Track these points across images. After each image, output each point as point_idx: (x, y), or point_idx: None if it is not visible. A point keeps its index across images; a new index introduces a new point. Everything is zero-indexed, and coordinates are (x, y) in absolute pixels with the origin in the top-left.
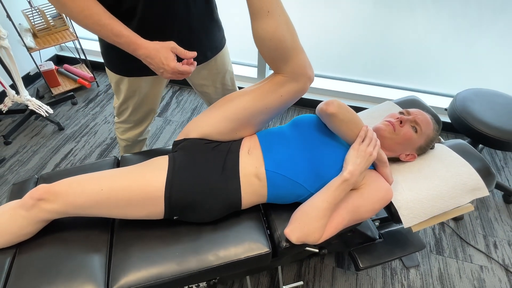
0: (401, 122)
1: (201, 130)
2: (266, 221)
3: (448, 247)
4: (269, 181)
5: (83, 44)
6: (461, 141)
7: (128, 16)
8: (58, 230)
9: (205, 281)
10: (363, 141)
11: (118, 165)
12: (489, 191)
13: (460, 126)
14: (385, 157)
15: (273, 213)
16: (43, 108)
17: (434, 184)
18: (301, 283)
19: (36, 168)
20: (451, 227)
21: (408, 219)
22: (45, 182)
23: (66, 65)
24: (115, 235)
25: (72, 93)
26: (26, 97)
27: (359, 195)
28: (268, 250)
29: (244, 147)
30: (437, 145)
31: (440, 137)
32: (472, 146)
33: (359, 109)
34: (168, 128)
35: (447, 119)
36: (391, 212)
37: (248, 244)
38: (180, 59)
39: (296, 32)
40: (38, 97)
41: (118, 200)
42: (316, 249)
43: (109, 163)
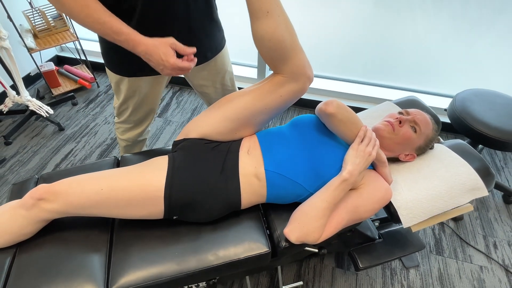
0: (400, 122)
1: (200, 130)
2: (265, 221)
3: (448, 248)
4: (268, 181)
5: (84, 45)
6: (460, 141)
7: (127, 16)
8: (58, 230)
9: (204, 281)
10: (362, 141)
11: (118, 165)
12: (488, 191)
13: (460, 127)
14: (384, 157)
15: (272, 213)
16: (43, 108)
17: (433, 184)
18: (300, 283)
19: (37, 168)
20: (451, 228)
21: (407, 219)
22: (45, 182)
23: (67, 65)
24: (115, 235)
25: (72, 93)
26: (27, 97)
27: (358, 195)
28: (267, 250)
29: (243, 147)
30: (436, 145)
31: (440, 137)
32: (472, 146)
33: (359, 109)
34: (168, 129)
35: (447, 119)
36: (391, 212)
37: (247, 244)
38: (180, 56)
39: (295, 32)
40: (39, 97)
41: (118, 200)
42: (316, 249)
43: (109, 163)
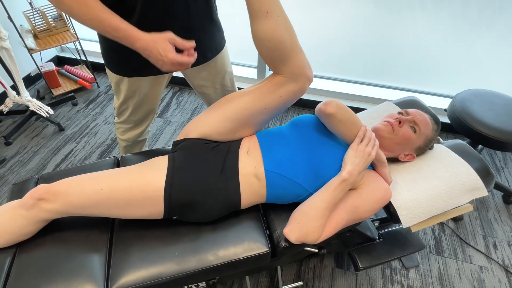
0: (400, 123)
1: (200, 130)
2: (265, 221)
3: (447, 248)
4: (268, 181)
5: (84, 45)
6: (460, 141)
7: (126, 16)
8: (58, 230)
9: (204, 281)
10: (361, 141)
11: (118, 165)
12: (488, 191)
13: (460, 127)
14: (383, 157)
15: (272, 213)
16: (43, 109)
17: (433, 184)
18: (300, 284)
19: (37, 168)
20: (450, 228)
21: (407, 219)
22: (45, 182)
23: (67, 66)
24: (114, 235)
25: (72, 94)
26: (27, 98)
27: (357, 195)
28: (267, 250)
29: (243, 147)
30: (436, 145)
31: (439, 137)
32: (472, 146)
33: (359, 109)
34: (168, 129)
35: (447, 119)
36: (390, 212)
37: (247, 244)
38: (180, 51)
39: (295, 32)
40: (39, 98)
41: (118, 200)
42: (315, 249)
43: (109, 163)
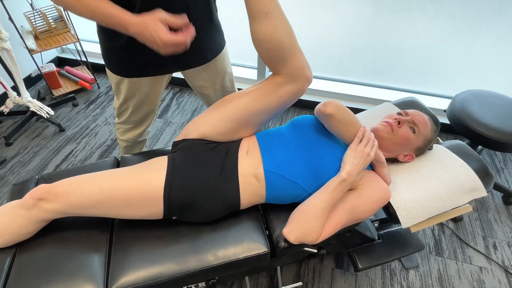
0: (399, 123)
1: (200, 131)
2: (264, 221)
3: (447, 248)
4: (267, 181)
5: (84, 46)
6: (459, 141)
7: None
8: (58, 230)
9: (204, 281)
10: (360, 141)
11: (118, 165)
12: (487, 192)
13: (459, 128)
14: (382, 157)
15: (271, 213)
16: (44, 109)
17: (432, 185)
18: (300, 284)
19: (37, 169)
20: (450, 228)
21: (406, 219)
22: (45, 182)
23: (67, 67)
24: (114, 235)
25: (73, 94)
26: (28, 98)
27: (357, 195)
28: (266, 250)
29: (243, 148)
30: (435, 145)
31: (439, 137)
32: (471, 147)
33: (358, 110)
34: (168, 130)
35: (446, 120)
36: (390, 213)
37: (247, 244)
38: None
39: (294, 33)
40: (39, 98)
41: (118, 200)
42: (315, 249)
43: (109, 164)
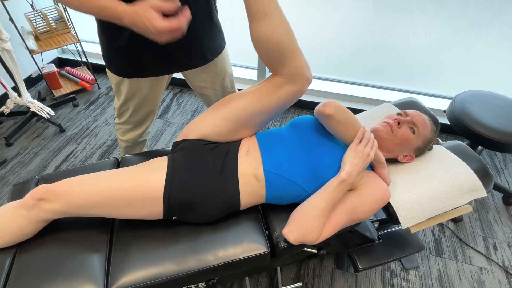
0: (398, 123)
1: (200, 131)
2: (264, 221)
3: (447, 249)
4: (267, 181)
5: (85, 47)
6: (459, 142)
7: None
8: (58, 230)
9: (204, 281)
10: (360, 141)
11: (118, 166)
12: (487, 192)
13: (459, 128)
14: (382, 157)
15: (271, 213)
16: (44, 110)
17: (432, 185)
18: (300, 284)
19: (37, 169)
20: (450, 229)
21: (406, 219)
22: (46, 182)
23: (68, 67)
24: (114, 235)
25: (73, 95)
26: (28, 99)
27: (356, 195)
28: (266, 250)
29: (243, 148)
30: (435, 146)
31: (438, 138)
32: (471, 148)
33: (358, 111)
34: (168, 130)
35: (446, 121)
36: (389, 213)
37: (246, 245)
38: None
39: (293, 33)
40: (40, 99)
41: (118, 200)
42: (315, 249)
43: (109, 164)
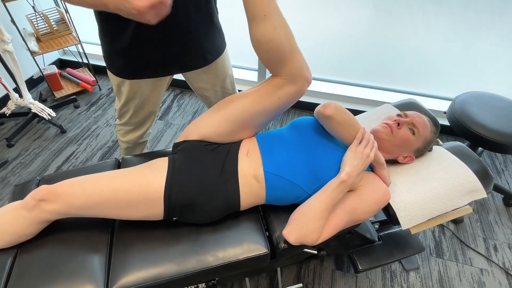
0: (398, 125)
1: (200, 132)
2: (264, 222)
3: (448, 250)
4: (267, 182)
5: (86, 48)
6: (459, 143)
7: (126, 17)
8: (59, 230)
9: (204, 282)
10: (360, 142)
11: (119, 166)
12: (487, 193)
13: (459, 129)
14: (382, 158)
15: (271, 214)
16: (45, 111)
17: (432, 186)
18: (300, 285)
19: (38, 170)
20: (451, 230)
21: (406, 220)
22: (46, 183)
23: (69, 69)
24: (115, 236)
25: (74, 96)
26: (29, 100)
27: (356, 196)
28: (266, 251)
29: (243, 149)
30: (435, 147)
31: (438, 139)
32: (472, 149)
33: (358, 112)
34: (169, 131)
35: (446, 122)
36: (389, 214)
37: (246, 245)
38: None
39: (293, 34)
40: (41, 100)
41: (118, 201)
42: (315, 250)
43: (110, 165)
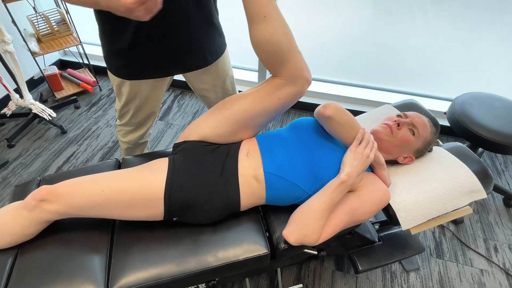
0: (398, 125)
1: (201, 132)
2: (265, 223)
3: (448, 251)
4: (267, 182)
5: (86, 49)
6: (459, 143)
7: (125, 19)
8: (59, 231)
9: (204, 282)
10: (360, 143)
11: (119, 167)
12: (487, 194)
13: (459, 130)
14: (382, 159)
15: (271, 215)
16: (46, 111)
17: (432, 187)
18: (300, 286)
19: (39, 171)
20: (451, 231)
21: (406, 221)
22: (47, 183)
23: (70, 69)
24: (115, 236)
25: (75, 97)
26: (30, 100)
27: (356, 196)
28: (266, 251)
29: (243, 150)
30: (435, 148)
31: (439, 140)
32: (472, 149)
33: (358, 112)
34: (169, 132)
35: (446, 122)
36: (389, 215)
37: (247, 246)
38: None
39: (292, 35)
40: (42, 101)
41: (118, 201)
42: (315, 251)
43: (110, 165)
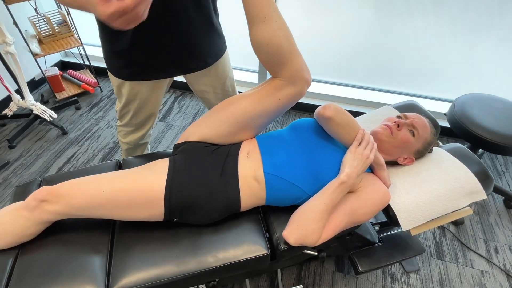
0: (398, 126)
1: (201, 133)
2: (265, 223)
3: (448, 252)
4: (267, 183)
5: (87, 50)
6: (459, 145)
7: None
8: (60, 231)
9: (204, 283)
10: (360, 144)
11: (120, 168)
12: (487, 195)
13: (460, 131)
14: (382, 160)
15: (272, 215)
16: (47, 112)
17: (432, 188)
18: (300, 287)
19: (40, 171)
20: (451, 232)
21: (406, 222)
22: (48, 184)
23: (71, 70)
24: (115, 237)
25: (76, 98)
26: (31, 101)
27: (356, 197)
28: (266, 252)
29: (243, 150)
30: (435, 149)
31: (439, 141)
32: (472, 151)
33: (358, 113)
34: (170, 133)
35: (447, 124)
36: (390, 215)
37: (247, 246)
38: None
39: (292, 36)
40: (43, 102)
41: (119, 202)
42: (315, 252)
43: (111, 166)
